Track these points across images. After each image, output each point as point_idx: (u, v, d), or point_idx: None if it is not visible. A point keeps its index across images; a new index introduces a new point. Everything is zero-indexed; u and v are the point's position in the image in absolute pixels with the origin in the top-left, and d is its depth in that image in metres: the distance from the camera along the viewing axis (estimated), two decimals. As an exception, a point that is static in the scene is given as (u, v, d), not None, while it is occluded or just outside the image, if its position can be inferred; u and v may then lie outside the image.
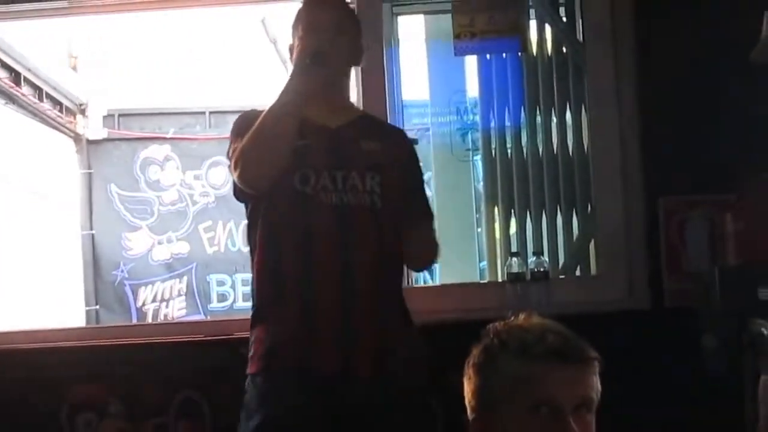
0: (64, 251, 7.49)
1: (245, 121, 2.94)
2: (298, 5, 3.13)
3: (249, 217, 3.08)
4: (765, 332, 3.12)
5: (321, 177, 2.92)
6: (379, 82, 3.63)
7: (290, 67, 3.04)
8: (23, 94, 6.46)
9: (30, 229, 6.49)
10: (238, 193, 3.00)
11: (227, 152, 3.01)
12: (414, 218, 3.05)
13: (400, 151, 3.16)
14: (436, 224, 3.31)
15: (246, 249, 4.48)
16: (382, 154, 3.04)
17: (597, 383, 2.00)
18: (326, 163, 2.93)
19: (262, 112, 2.89)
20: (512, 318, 2.13)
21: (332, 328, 2.80)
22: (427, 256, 3.23)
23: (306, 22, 3.00)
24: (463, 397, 2.05)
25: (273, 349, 2.88)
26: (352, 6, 3.52)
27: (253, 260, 3.07)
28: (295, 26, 3.03)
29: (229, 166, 2.96)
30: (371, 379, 2.68)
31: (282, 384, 2.84)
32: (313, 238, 2.89)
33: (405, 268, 3.29)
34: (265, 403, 2.86)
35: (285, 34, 4.21)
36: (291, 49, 3.03)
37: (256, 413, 2.83)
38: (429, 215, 3.20)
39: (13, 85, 6.23)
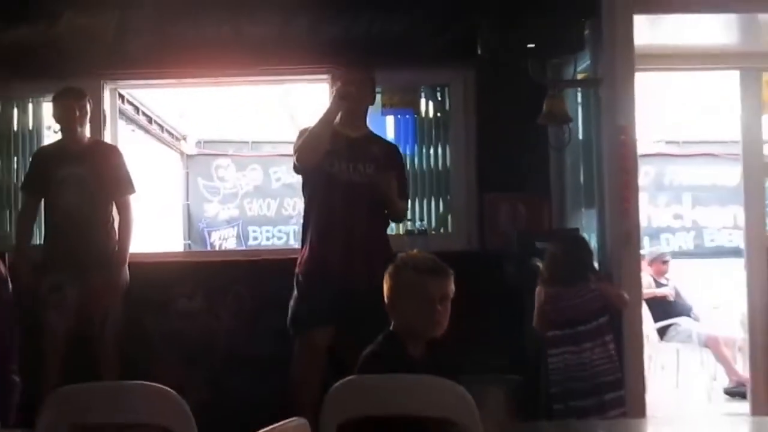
0: (174, 213, 8.88)
1: (303, 132, 4.08)
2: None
3: (303, 184, 4.18)
4: (536, 265, 4.48)
5: (341, 164, 4.01)
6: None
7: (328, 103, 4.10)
8: (152, 129, 7.51)
9: (156, 200, 7.61)
10: (296, 169, 4.14)
11: (293, 148, 4.09)
12: (401, 194, 4.14)
13: (393, 157, 4.27)
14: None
15: (272, 213, 6.26)
16: (379, 155, 4.12)
17: (452, 286, 2.78)
18: (345, 156, 4.01)
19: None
20: (408, 252, 3.00)
21: (340, 252, 3.95)
22: (399, 216, 4.37)
23: (341, 78, 4.10)
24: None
25: (308, 262, 4.05)
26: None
27: (304, 207, 4.22)
28: (332, 82, 4.24)
29: (294, 154, 4.07)
30: (363, 271, 3.51)
31: (312, 281, 4.03)
32: (334, 196, 4.00)
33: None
34: (301, 286, 4.02)
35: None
36: (333, 94, 4.10)
37: (299, 293, 4.03)
38: (406, 195, 4.28)
39: (147, 123, 7.14)
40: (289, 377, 3.98)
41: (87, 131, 4.63)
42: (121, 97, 5.48)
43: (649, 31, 4.80)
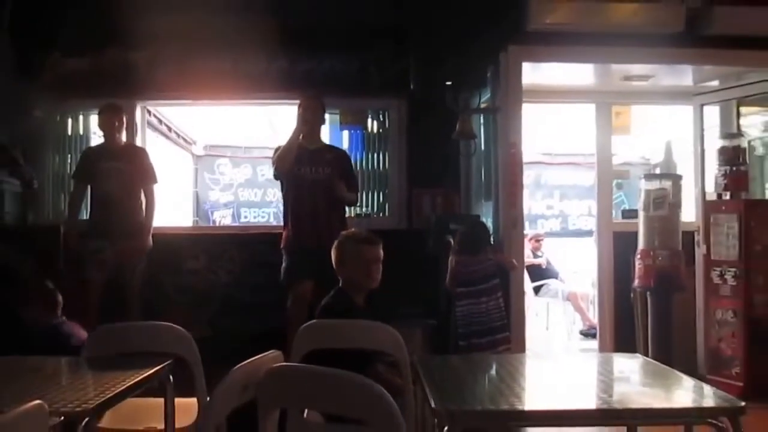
0: (187, 196, 8.61)
1: (277, 149, 4.16)
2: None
3: (281, 185, 4.24)
4: (449, 240, 4.42)
5: (305, 168, 4.08)
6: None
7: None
8: (171, 135, 7.30)
9: (173, 188, 7.38)
10: (275, 176, 4.21)
11: (272, 160, 4.18)
12: (349, 187, 4.17)
13: (342, 159, 4.30)
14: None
15: (258, 199, 6.32)
16: (333, 160, 4.18)
17: (381, 251, 2.86)
18: (308, 162, 4.08)
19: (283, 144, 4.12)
20: (353, 229, 3.19)
21: (310, 230, 4.01)
22: (350, 204, 4.42)
23: (302, 107, 4.12)
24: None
25: (289, 238, 4.09)
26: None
27: (283, 199, 4.26)
28: (298, 107, 4.12)
29: (272, 165, 4.16)
30: (328, 244, 3.04)
31: (291, 252, 4.09)
32: (302, 191, 4.08)
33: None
34: (287, 254, 4.07)
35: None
36: (298, 116, 4.11)
37: (286, 260, 4.08)
38: (355, 188, 4.30)
39: (167, 131, 6.96)
40: (286, 315, 3.96)
41: (123, 136, 4.61)
42: (149, 111, 5.43)
43: (532, 73, 4.83)
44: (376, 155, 5.24)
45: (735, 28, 4.59)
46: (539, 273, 7.82)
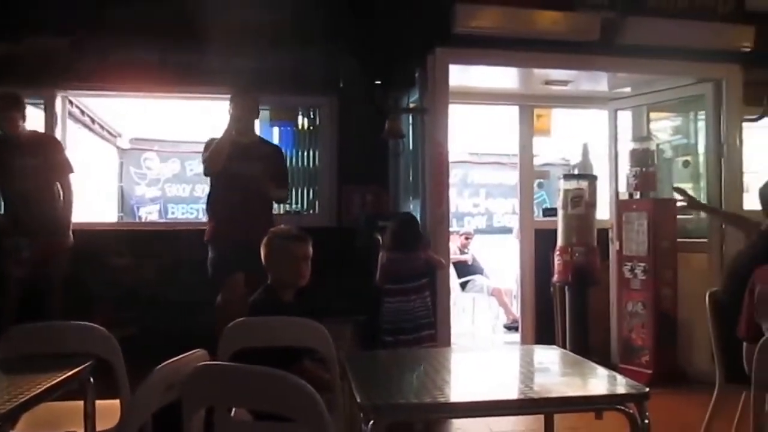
0: (111, 191, 8.35)
1: (209, 143, 4.02)
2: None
3: (210, 180, 4.13)
4: (378, 237, 4.44)
5: (238, 163, 3.98)
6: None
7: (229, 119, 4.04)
8: (95, 128, 7.04)
9: (96, 183, 7.17)
10: (205, 174, 4.11)
11: (201, 156, 4.04)
12: (279, 184, 4.12)
13: (275, 155, 4.23)
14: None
15: (186, 194, 5.86)
16: (266, 156, 4.12)
17: (310, 249, 2.83)
18: (240, 157, 3.98)
19: (215, 139, 4.01)
20: (282, 226, 3.04)
21: (238, 223, 3.89)
22: (280, 200, 4.31)
23: (234, 101, 4.02)
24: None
25: (214, 231, 4.03)
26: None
27: (210, 192, 4.14)
28: (230, 102, 4.05)
29: (203, 163, 4.04)
30: (254, 240, 2.99)
31: (219, 244, 4.01)
32: (233, 186, 3.97)
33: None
34: (213, 250, 4.01)
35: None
36: (229, 111, 4.03)
37: (211, 253, 4.02)
38: (286, 183, 4.23)
39: (91, 123, 6.69)
40: (216, 311, 3.88)
41: (25, 126, 4.25)
42: (71, 102, 5.16)
43: (460, 76, 4.87)
44: (306, 152, 5.19)
45: (646, 39, 4.78)
46: (466, 269, 7.94)
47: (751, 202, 4.95)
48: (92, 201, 6.50)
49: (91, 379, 2.23)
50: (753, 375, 1.99)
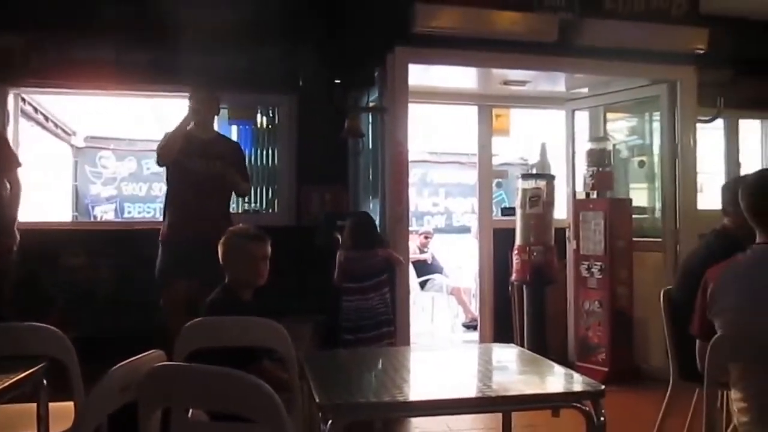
0: (65, 191, 8.07)
1: (166, 135, 3.95)
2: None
3: (166, 173, 4.01)
4: (337, 236, 4.35)
5: (197, 160, 3.93)
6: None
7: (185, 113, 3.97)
8: (48, 125, 6.78)
9: (50, 182, 6.96)
10: (158, 163, 4.00)
11: (156, 147, 3.96)
12: (241, 180, 4.06)
13: (235, 152, 4.17)
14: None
15: (143, 194, 5.78)
16: (225, 152, 4.05)
17: (269, 248, 2.81)
18: (199, 154, 3.92)
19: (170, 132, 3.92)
20: (241, 225, 3.02)
21: (193, 224, 3.81)
22: (244, 194, 4.31)
23: (193, 96, 3.99)
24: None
25: (167, 232, 3.95)
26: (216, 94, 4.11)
27: (167, 191, 4.04)
28: (189, 98, 4.00)
29: (156, 152, 3.94)
30: (211, 239, 2.96)
31: (169, 247, 3.95)
32: (190, 184, 3.91)
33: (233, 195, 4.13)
34: (164, 249, 3.94)
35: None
36: (188, 107, 3.96)
37: (160, 255, 3.95)
38: (247, 177, 4.18)
39: (44, 120, 6.49)
40: (163, 314, 3.81)
41: None
42: (23, 99, 5.04)
43: (419, 75, 4.88)
44: (265, 151, 5.13)
45: (603, 40, 4.87)
46: (425, 268, 7.98)
47: (704, 201, 5.18)
48: (45, 200, 6.37)
49: (45, 381, 2.20)
50: (705, 372, 2.03)
